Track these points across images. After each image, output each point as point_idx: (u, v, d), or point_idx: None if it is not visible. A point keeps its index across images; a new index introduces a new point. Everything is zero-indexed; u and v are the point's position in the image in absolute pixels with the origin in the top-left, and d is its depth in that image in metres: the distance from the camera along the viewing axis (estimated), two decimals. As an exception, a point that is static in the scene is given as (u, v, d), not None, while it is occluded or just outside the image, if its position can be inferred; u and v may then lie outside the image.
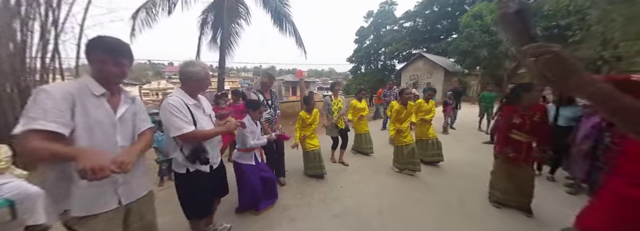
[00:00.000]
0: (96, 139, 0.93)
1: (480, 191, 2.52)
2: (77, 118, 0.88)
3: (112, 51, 0.95)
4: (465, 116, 6.52)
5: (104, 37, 0.99)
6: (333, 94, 3.42)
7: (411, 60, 16.46)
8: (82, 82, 0.95)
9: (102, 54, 0.94)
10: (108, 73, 0.96)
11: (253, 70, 77.74)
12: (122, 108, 1.03)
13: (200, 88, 1.48)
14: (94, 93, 0.94)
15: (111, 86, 1.01)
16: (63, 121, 0.84)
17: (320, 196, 2.54)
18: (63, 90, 0.87)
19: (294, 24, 7.66)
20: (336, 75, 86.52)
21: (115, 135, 0.99)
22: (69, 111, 0.86)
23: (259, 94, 2.57)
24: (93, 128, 0.92)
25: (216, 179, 1.64)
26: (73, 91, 0.89)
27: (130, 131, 1.07)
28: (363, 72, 23.92)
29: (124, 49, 0.98)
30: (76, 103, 0.88)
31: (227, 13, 6.08)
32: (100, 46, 0.95)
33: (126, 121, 1.04)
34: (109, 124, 0.98)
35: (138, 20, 5.77)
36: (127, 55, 0.99)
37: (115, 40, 0.98)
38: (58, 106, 0.84)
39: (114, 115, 0.99)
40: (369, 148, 3.82)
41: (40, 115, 0.81)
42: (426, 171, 3.06)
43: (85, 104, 0.91)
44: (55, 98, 0.84)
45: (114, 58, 0.95)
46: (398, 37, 20.61)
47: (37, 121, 0.79)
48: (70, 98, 0.87)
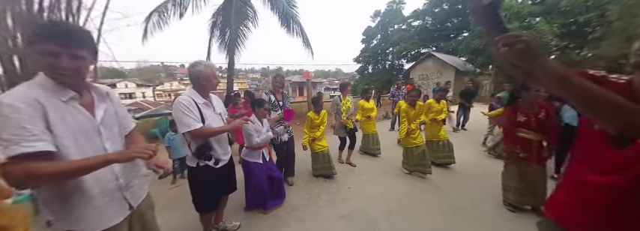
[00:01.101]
0: (83, 149, 0.79)
1: (493, 195, 2.43)
2: (55, 128, 0.73)
3: (65, 40, 0.73)
4: (477, 117, 6.32)
5: (54, 23, 0.85)
6: (343, 94, 3.40)
7: (419, 59, 16.17)
8: (41, 85, 0.76)
9: (52, 45, 0.72)
10: (63, 70, 0.75)
11: (261, 71, 78.86)
12: (100, 109, 0.88)
13: (209, 86, 1.53)
14: (61, 99, 0.77)
15: (77, 85, 0.83)
16: (47, 137, 0.71)
17: (327, 196, 2.54)
18: (27, 98, 0.70)
19: (301, 25, 7.71)
20: (343, 75, 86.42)
21: (102, 142, 0.85)
22: (43, 122, 0.71)
23: (271, 95, 2.61)
24: (77, 138, 0.78)
25: (224, 175, 1.69)
26: (37, 97, 0.72)
27: (117, 133, 0.93)
28: (371, 72, 23.74)
29: (80, 36, 0.78)
30: (47, 111, 0.72)
31: (235, 15, 6.20)
32: (47, 35, 0.72)
33: (109, 124, 0.90)
34: (92, 130, 0.83)
35: (150, 24, 5.99)
36: (85, 43, 0.79)
37: (67, 25, 0.85)
38: (34, 120, 0.70)
39: (94, 119, 0.84)
40: (376, 148, 3.78)
41: (17, 135, 0.66)
42: (437, 173, 3.00)
43: (57, 111, 0.75)
44: (22, 109, 0.68)
45: (69, 49, 0.74)
46: (406, 37, 20.32)
47: (21, 144, 0.66)
48: (38, 106, 0.71)
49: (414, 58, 19.77)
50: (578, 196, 0.75)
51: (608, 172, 0.67)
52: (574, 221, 0.74)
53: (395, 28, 22.41)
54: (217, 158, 1.57)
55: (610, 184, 0.66)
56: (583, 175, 0.74)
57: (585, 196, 0.72)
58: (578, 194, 0.75)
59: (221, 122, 1.61)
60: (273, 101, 2.61)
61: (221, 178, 1.66)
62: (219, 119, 1.61)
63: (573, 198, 0.76)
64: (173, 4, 6.13)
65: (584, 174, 0.74)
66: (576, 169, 0.79)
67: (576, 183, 0.77)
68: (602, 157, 0.69)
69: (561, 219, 0.79)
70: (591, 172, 0.71)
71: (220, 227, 1.93)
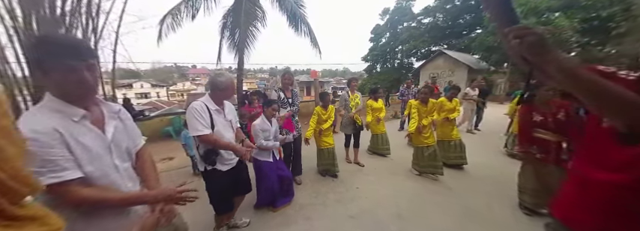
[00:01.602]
0: (95, 166, 0.79)
1: (508, 198, 2.34)
2: (75, 150, 0.73)
3: (82, 53, 0.73)
4: (491, 116, 6.11)
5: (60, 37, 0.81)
6: (350, 90, 3.38)
7: (430, 57, 15.80)
8: (50, 108, 0.74)
9: (72, 60, 0.70)
10: (84, 84, 0.74)
11: (269, 71, 79.74)
12: (110, 126, 0.86)
13: (224, 96, 1.64)
14: (73, 119, 0.75)
15: (87, 101, 0.81)
16: (73, 164, 0.72)
17: (335, 196, 2.54)
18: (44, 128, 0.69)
19: (309, 24, 7.72)
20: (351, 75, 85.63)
21: (113, 159, 0.85)
22: (66, 149, 0.72)
23: (280, 92, 2.65)
24: (92, 157, 0.78)
25: (235, 178, 1.73)
26: (55, 124, 0.71)
27: (125, 150, 0.92)
28: (379, 71, 23.44)
29: (87, 47, 0.78)
30: (65, 137, 0.72)
31: (244, 16, 6.30)
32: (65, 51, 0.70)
33: (118, 141, 0.88)
34: (104, 148, 0.82)
35: (164, 26, 6.19)
36: (93, 53, 0.80)
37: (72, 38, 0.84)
38: (60, 151, 0.70)
39: (105, 137, 0.83)
40: (385, 148, 3.73)
41: (45, 166, 0.68)
42: (449, 174, 2.92)
43: (73, 135, 0.74)
44: (46, 142, 0.68)
45: (86, 61, 0.73)
46: (416, 34, 19.89)
47: (47, 176, 0.67)
48: (56, 135, 0.71)
49: (425, 56, 19.33)
50: (583, 194, 0.73)
51: (615, 170, 0.65)
52: (580, 221, 0.73)
53: (404, 25, 21.97)
54: (222, 163, 1.63)
55: (617, 183, 0.65)
56: (589, 174, 0.72)
57: (591, 194, 0.71)
58: (584, 193, 0.73)
59: (230, 129, 1.69)
60: (282, 98, 2.64)
61: (231, 180, 1.70)
62: (229, 126, 1.69)
63: (579, 197, 0.75)
64: (185, 6, 6.30)
65: (591, 172, 0.72)
66: (582, 167, 0.77)
67: (582, 181, 0.75)
68: (609, 155, 0.67)
69: (567, 219, 0.77)
70: (598, 170, 0.70)
71: (231, 224, 1.98)
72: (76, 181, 0.72)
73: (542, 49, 0.51)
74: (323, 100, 2.93)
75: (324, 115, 2.89)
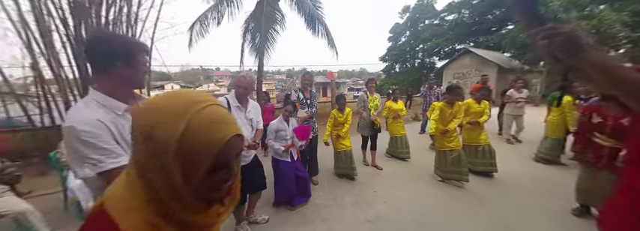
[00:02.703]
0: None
1: (547, 210, 2.11)
2: (120, 142, 0.81)
3: (145, 48, 0.85)
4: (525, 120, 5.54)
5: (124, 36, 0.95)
6: (368, 91, 3.28)
7: (455, 56, 14.87)
8: (95, 103, 0.80)
9: (143, 55, 0.82)
10: (143, 75, 0.85)
11: (286, 72, 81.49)
12: None
13: (245, 93, 1.75)
14: (117, 112, 0.82)
15: (131, 94, 0.89)
16: (123, 151, 0.79)
17: (352, 199, 2.49)
18: (94, 122, 0.75)
19: (326, 26, 7.73)
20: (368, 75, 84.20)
21: None
22: (113, 139, 0.79)
23: (299, 93, 2.68)
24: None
25: (249, 174, 1.78)
26: (102, 119, 0.77)
27: None
28: (398, 71, 22.70)
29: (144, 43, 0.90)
30: (111, 129, 0.79)
31: (265, 20, 6.49)
32: (139, 48, 0.82)
33: None
34: None
35: (194, 32, 6.63)
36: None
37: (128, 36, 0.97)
38: (109, 140, 0.77)
39: None
40: (405, 152, 3.57)
41: (103, 155, 0.75)
42: (476, 182, 2.70)
43: (117, 125, 0.80)
44: (99, 134, 0.75)
45: (145, 56, 0.85)
46: (439, 32, 18.93)
47: (109, 162, 0.75)
48: (104, 127, 0.77)
49: (448, 55, 18.29)
50: (634, 205, 0.66)
51: None
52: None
53: (426, 23, 21.05)
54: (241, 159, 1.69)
55: None
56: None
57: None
58: (635, 203, 0.66)
59: (248, 128, 1.76)
60: (301, 99, 2.66)
61: (245, 175, 1.74)
62: (248, 124, 1.77)
63: (629, 207, 0.67)
64: (211, 13, 6.68)
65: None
66: (633, 174, 0.69)
67: (632, 190, 0.68)
68: None
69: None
70: None
71: (251, 220, 2.05)
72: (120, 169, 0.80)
73: (573, 49, 0.48)
74: (339, 103, 2.89)
75: (341, 118, 2.85)
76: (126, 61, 0.80)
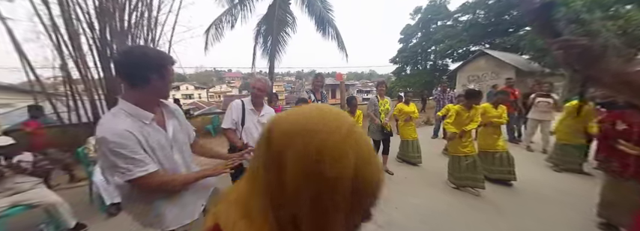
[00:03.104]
0: (160, 160, 0.91)
1: (570, 223, 1.99)
2: (147, 150, 0.87)
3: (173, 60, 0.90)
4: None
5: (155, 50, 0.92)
6: (379, 94, 3.24)
7: (469, 58, 14.43)
8: (125, 113, 0.85)
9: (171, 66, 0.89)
10: (169, 86, 0.91)
11: (296, 74, 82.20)
12: (170, 125, 0.98)
13: (259, 96, 1.80)
14: (144, 121, 0.87)
15: (156, 103, 0.95)
16: (150, 159, 0.86)
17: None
18: (123, 133, 0.80)
19: (336, 28, 7.77)
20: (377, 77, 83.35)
21: (173, 153, 0.98)
22: (141, 149, 0.84)
23: (311, 94, 2.71)
24: (156, 152, 0.90)
25: None
26: (130, 129, 0.82)
27: (183, 144, 1.05)
28: (409, 73, 22.29)
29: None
30: (139, 139, 0.84)
31: (276, 23, 6.62)
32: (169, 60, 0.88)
33: (177, 137, 1.01)
34: (167, 144, 0.95)
35: (209, 36, 6.87)
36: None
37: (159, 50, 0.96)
38: (136, 150, 0.82)
39: (168, 135, 0.96)
40: (417, 157, 3.50)
41: (132, 164, 0.80)
42: (493, 190, 2.60)
43: (146, 136, 0.87)
44: (128, 145, 0.80)
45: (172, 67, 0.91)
46: (452, 34, 18.44)
47: (137, 170, 0.81)
48: (133, 138, 0.82)
49: (462, 57, 17.78)
50: None
51: None
52: None
53: (438, 24, 20.58)
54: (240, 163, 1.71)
55: None
56: None
57: None
58: None
59: (259, 130, 1.77)
60: (312, 100, 2.69)
61: None
62: (261, 128, 1.78)
63: None
64: (226, 17, 6.90)
65: None
66: None
67: None
68: None
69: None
70: None
71: None
72: (154, 173, 0.86)
73: (591, 60, 0.49)
74: (350, 105, 2.89)
75: None
76: (159, 74, 0.85)
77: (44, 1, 3.88)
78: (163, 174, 0.90)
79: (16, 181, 1.92)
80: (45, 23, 3.94)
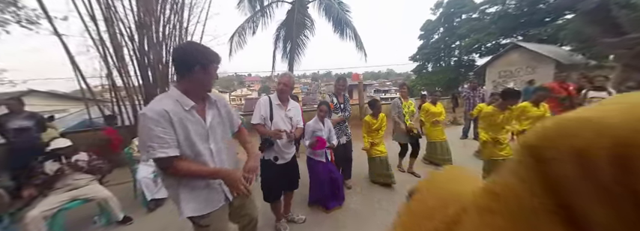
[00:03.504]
0: (194, 147, 0.98)
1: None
2: (177, 130, 0.92)
3: (218, 59, 1.01)
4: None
5: (205, 47, 0.99)
6: (401, 96, 3.12)
7: (500, 52, 13.30)
8: (171, 97, 0.95)
9: (217, 64, 0.98)
10: (213, 80, 1.01)
11: (312, 76, 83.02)
12: (209, 116, 1.05)
13: (284, 91, 1.85)
14: (184, 108, 0.95)
15: (201, 94, 1.03)
16: (175, 143, 0.92)
17: (389, 206, 2.38)
18: (160, 111, 0.89)
19: (354, 28, 7.70)
20: (395, 76, 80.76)
21: (209, 142, 1.03)
22: (172, 128, 0.91)
23: (333, 97, 2.69)
24: (191, 138, 0.96)
25: (285, 172, 1.86)
26: (167, 109, 0.90)
27: (220, 135, 1.09)
28: (430, 71, 21.26)
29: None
30: (173, 118, 0.91)
31: (296, 27, 6.76)
32: (215, 58, 0.98)
33: (215, 128, 1.07)
34: (203, 133, 1.01)
35: (233, 43, 7.26)
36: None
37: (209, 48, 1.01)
38: (167, 131, 0.89)
39: (205, 124, 1.02)
40: (446, 159, 3.28)
41: (157, 143, 0.87)
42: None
43: (180, 119, 0.93)
44: (159, 122, 0.88)
45: (217, 65, 1.01)
46: (478, 27, 17.23)
47: (158, 150, 0.88)
48: (167, 117, 0.90)
49: (491, 51, 16.50)
50: None
51: None
52: None
53: (462, 18, 19.39)
54: (281, 157, 1.78)
55: None
56: None
57: None
58: None
59: (288, 125, 1.83)
60: (335, 103, 2.67)
61: (281, 173, 1.84)
62: (287, 122, 1.84)
63: None
64: (248, 24, 7.23)
65: None
66: None
67: None
68: None
69: None
70: None
71: (289, 217, 2.13)
72: (175, 158, 0.93)
73: None
74: (373, 108, 2.79)
75: (375, 124, 2.76)
76: (203, 65, 0.95)
77: (93, 19, 4.39)
78: (182, 160, 0.95)
79: (74, 177, 2.17)
80: (93, 38, 4.46)
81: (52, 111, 7.18)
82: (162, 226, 2.21)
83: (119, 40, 4.62)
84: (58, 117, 6.54)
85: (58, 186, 2.10)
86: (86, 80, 4.70)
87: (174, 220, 2.27)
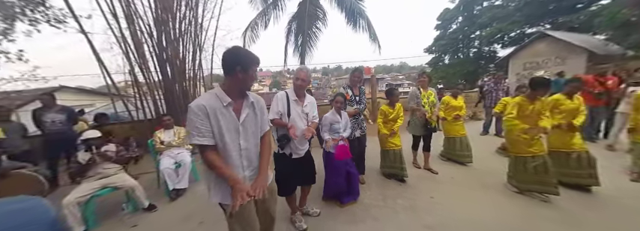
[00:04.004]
0: (226, 142, 1.07)
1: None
2: (212, 123, 1.05)
3: (258, 61, 1.11)
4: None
5: (246, 50, 1.10)
6: (421, 86, 2.97)
7: (525, 42, 12.33)
8: (213, 94, 1.09)
9: (256, 66, 1.10)
10: (252, 82, 1.12)
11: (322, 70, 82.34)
12: (244, 114, 1.12)
13: (302, 85, 1.81)
14: (223, 104, 1.07)
15: (240, 93, 1.13)
16: (210, 133, 1.05)
17: (405, 202, 2.33)
18: (200, 105, 1.03)
19: (368, 19, 7.44)
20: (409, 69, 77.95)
21: (239, 139, 1.11)
22: (208, 121, 1.04)
23: (348, 89, 2.64)
24: (222, 132, 1.06)
25: (299, 167, 1.85)
26: (206, 103, 1.04)
27: (251, 134, 1.16)
28: (447, 63, 20.27)
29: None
30: (209, 113, 1.04)
31: (308, 19, 6.64)
32: (254, 60, 1.08)
33: (247, 126, 1.14)
34: (234, 129, 1.09)
35: (246, 37, 7.28)
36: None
37: (251, 51, 1.12)
38: (203, 122, 1.03)
39: (238, 122, 1.10)
40: (466, 155, 3.13)
41: (195, 132, 1.03)
42: (569, 196, 2.19)
43: (215, 113, 1.05)
44: (199, 115, 1.02)
45: (256, 67, 1.11)
46: (501, 15, 16.02)
47: (195, 137, 1.04)
48: (205, 112, 1.03)
49: (515, 41, 15.38)
50: None
51: None
52: None
53: (484, 6, 18.08)
54: (295, 152, 1.79)
55: None
56: None
57: None
58: None
59: (304, 121, 1.82)
60: (350, 95, 2.62)
61: (296, 168, 1.84)
62: (304, 117, 1.83)
63: None
64: (260, 18, 7.20)
65: None
66: None
67: None
68: None
69: None
70: None
71: (304, 211, 2.15)
72: (208, 146, 1.06)
73: None
74: (391, 96, 2.69)
75: (392, 113, 2.68)
76: (242, 67, 1.06)
77: (114, 16, 4.56)
78: (213, 151, 1.07)
79: (104, 166, 2.31)
80: (116, 35, 4.65)
81: (81, 106, 7.68)
82: (185, 215, 2.32)
83: (139, 37, 4.78)
84: (87, 111, 6.99)
85: (89, 174, 2.25)
86: (111, 76, 4.96)
87: (196, 210, 2.38)
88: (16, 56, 4.97)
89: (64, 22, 4.88)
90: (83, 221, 2.04)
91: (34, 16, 4.84)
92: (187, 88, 5.28)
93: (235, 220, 1.13)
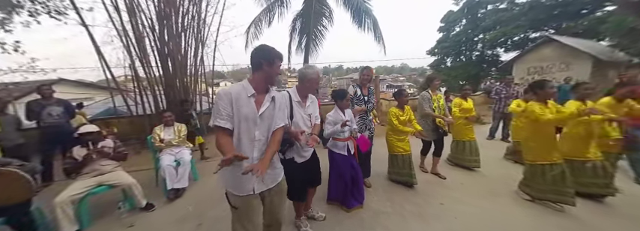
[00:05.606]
0: (242, 130, 1.14)
1: None
2: (234, 109, 1.13)
3: (281, 56, 1.20)
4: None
5: (271, 46, 1.19)
6: (431, 89, 2.87)
7: (530, 47, 12.28)
8: (240, 85, 1.19)
9: (279, 61, 1.19)
10: (276, 75, 1.20)
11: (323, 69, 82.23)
12: (263, 107, 1.18)
13: (310, 88, 1.68)
14: (247, 94, 1.15)
15: (264, 87, 1.21)
16: (230, 118, 1.13)
17: (412, 208, 2.24)
18: (226, 92, 1.13)
19: (374, 17, 7.34)
20: (410, 71, 77.89)
21: (255, 129, 1.16)
22: (231, 108, 1.13)
23: (357, 88, 2.54)
24: (241, 121, 1.13)
25: (307, 169, 1.75)
26: (232, 92, 1.14)
27: (267, 127, 1.21)
28: (449, 66, 20.18)
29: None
30: (233, 101, 1.12)
31: (314, 16, 6.53)
32: (278, 55, 1.19)
33: (265, 118, 1.19)
34: (252, 119, 1.15)
35: (250, 34, 7.17)
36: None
37: (274, 48, 1.20)
38: (226, 107, 1.12)
39: (256, 113, 1.16)
40: (473, 160, 3.05)
41: (217, 114, 1.13)
42: (584, 206, 2.10)
43: (239, 102, 1.13)
44: (224, 100, 1.12)
45: (280, 62, 1.20)
46: (505, 18, 15.93)
47: (216, 120, 1.13)
48: (230, 98, 1.12)
49: (518, 45, 15.34)
50: None
51: None
52: None
53: (488, 9, 18.00)
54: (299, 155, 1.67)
55: None
56: None
57: None
58: None
59: (307, 123, 1.70)
60: (358, 95, 2.52)
61: (304, 171, 1.73)
62: (307, 119, 1.71)
63: None
64: (264, 15, 7.08)
65: None
66: None
67: None
68: None
69: None
70: None
71: (309, 215, 2.06)
72: (224, 130, 1.13)
73: None
74: (400, 97, 2.59)
75: (402, 116, 2.58)
76: (268, 62, 1.16)
77: (116, 9, 4.44)
78: (226, 134, 1.13)
79: (100, 163, 2.21)
80: (117, 28, 4.53)
81: (80, 99, 7.55)
82: (183, 216, 2.23)
83: (141, 31, 4.67)
84: (86, 104, 6.87)
85: (85, 171, 2.15)
86: (111, 70, 4.85)
87: (192, 213, 2.28)
88: (12, 47, 4.85)
89: (65, 14, 4.76)
90: (76, 220, 1.94)
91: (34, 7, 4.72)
92: (188, 83, 5.18)
93: (238, 216, 1.20)
